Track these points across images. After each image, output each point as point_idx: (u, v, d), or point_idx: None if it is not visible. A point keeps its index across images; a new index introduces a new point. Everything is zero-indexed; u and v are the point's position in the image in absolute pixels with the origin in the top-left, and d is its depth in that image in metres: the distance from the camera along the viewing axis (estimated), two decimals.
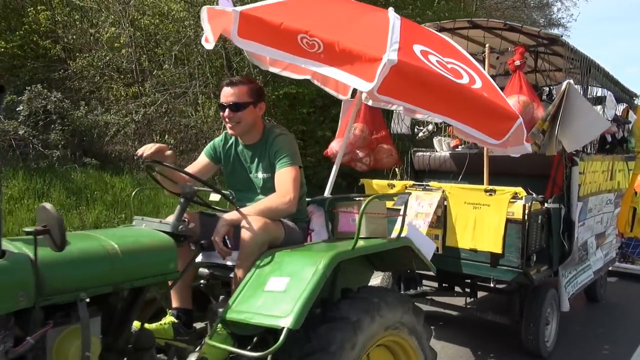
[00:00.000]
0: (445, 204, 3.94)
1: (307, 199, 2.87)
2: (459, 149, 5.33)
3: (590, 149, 4.81)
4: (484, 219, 3.74)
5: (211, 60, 11.17)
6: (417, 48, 2.67)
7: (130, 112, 10.18)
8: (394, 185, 4.28)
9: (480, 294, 4.70)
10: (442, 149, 5.51)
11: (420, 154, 5.40)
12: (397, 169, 5.35)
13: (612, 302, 5.88)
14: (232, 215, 2.35)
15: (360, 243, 2.27)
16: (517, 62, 3.89)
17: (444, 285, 4.59)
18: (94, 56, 10.50)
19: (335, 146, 4.44)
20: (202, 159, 2.76)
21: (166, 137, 10.50)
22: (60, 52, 10.70)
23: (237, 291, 2.14)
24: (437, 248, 3.91)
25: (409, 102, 2.54)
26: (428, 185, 4.10)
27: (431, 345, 2.59)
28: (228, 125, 2.60)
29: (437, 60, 2.66)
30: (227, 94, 2.54)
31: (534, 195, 3.81)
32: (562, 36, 3.67)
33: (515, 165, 4.76)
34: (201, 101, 11.03)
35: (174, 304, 2.48)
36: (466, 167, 4.99)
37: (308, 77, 3.80)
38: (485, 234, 3.72)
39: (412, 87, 2.44)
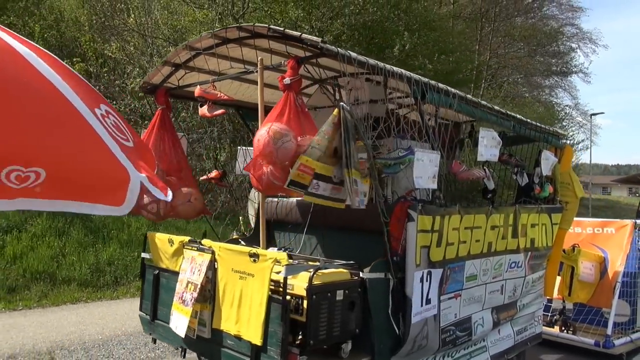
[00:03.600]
0: (216, 268, 2.93)
1: None
2: None
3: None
4: (247, 293, 2.69)
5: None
6: None
7: None
8: (173, 242, 3.28)
9: None
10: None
11: (269, 199, 4.39)
12: (241, 218, 4.37)
13: None
14: None
15: None
16: (287, 80, 2.86)
17: None
18: (120, 104, 11.45)
19: None
20: None
21: None
22: None
23: None
24: (193, 331, 2.87)
25: None
26: (201, 244, 3.08)
27: None
28: None
29: None
30: None
31: (320, 261, 2.77)
32: (325, 41, 2.63)
33: (362, 217, 3.74)
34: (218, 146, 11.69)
35: None
36: (311, 218, 3.98)
37: None
38: (248, 316, 2.67)
39: None
